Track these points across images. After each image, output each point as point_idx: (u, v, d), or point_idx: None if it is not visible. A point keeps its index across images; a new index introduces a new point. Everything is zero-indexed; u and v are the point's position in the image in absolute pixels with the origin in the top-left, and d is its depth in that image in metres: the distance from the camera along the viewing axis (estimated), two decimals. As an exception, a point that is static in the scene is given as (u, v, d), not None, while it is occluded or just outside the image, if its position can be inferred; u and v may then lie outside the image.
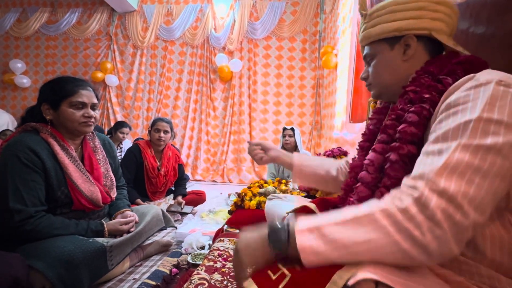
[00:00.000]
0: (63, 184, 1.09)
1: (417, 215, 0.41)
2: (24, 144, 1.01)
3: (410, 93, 0.59)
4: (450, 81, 0.54)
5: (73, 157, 1.15)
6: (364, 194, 0.62)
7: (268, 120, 4.76)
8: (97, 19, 5.09)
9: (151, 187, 2.27)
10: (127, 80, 5.04)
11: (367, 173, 0.63)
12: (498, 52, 0.93)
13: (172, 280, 1.18)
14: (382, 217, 0.43)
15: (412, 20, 0.62)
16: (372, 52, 0.69)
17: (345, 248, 0.44)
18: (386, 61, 0.67)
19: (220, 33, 4.77)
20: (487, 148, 0.42)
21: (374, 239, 0.42)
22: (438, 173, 0.42)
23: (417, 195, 0.42)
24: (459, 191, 0.41)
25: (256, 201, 1.50)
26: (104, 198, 1.21)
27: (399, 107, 0.61)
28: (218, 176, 4.63)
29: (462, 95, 0.47)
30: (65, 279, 0.93)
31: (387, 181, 0.57)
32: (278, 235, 0.50)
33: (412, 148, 0.55)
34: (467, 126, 0.44)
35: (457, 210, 0.40)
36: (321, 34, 4.58)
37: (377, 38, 0.67)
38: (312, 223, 0.48)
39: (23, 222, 0.96)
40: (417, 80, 0.60)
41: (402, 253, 0.42)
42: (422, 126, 0.55)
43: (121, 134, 3.24)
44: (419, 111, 0.55)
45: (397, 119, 0.60)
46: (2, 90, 5.38)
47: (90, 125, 1.16)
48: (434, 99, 0.54)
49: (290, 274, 0.46)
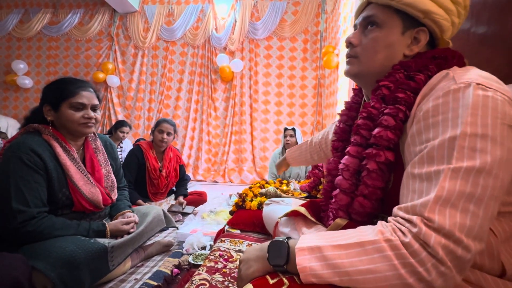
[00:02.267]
0: (64, 185, 1.09)
1: (420, 252, 0.40)
2: (27, 145, 1.02)
3: (384, 89, 0.56)
4: (422, 77, 0.52)
5: (75, 158, 1.15)
6: (343, 202, 0.59)
7: (269, 120, 4.76)
8: (98, 20, 5.11)
9: (153, 188, 2.28)
10: (128, 80, 5.05)
11: (344, 178, 0.60)
12: (499, 53, 0.92)
13: (173, 280, 1.18)
14: (388, 248, 0.41)
15: (443, 11, 0.55)
16: (381, 20, 0.58)
17: (347, 275, 0.42)
18: (390, 41, 0.57)
19: (221, 33, 4.77)
20: (477, 171, 0.40)
21: (379, 270, 0.41)
22: (431, 209, 0.40)
23: (416, 231, 0.41)
24: (455, 224, 0.39)
25: (257, 202, 1.50)
26: (105, 200, 1.22)
27: (371, 104, 0.58)
28: (219, 176, 4.63)
29: (441, 102, 0.45)
30: (66, 279, 0.93)
31: (365, 189, 0.55)
32: (277, 252, 0.49)
33: (390, 154, 0.53)
34: (453, 145, 0.41)
35: (458, 245, 0.39)
36: (323, 34, 4.58)
37: (398, 6, 0.56)
38: (313, 242, 0.47)
39: (25, 223, 0.97)
40: (392, 75, 0.56)
41: (405, 286, 0.40)
42: (398, 130, 0.52)
43: (121, 133, 3.24)
44: (395, 114, 0.52)
45: (369, 118, 0.57)
46: (4, 91, 5.41)
47: (90, 126, 1.17)
48: (408, 99, 0.52)
49: (288, 283, 0.46)
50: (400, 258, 0.40)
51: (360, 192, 0.56)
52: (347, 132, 0.73)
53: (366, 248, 0.43)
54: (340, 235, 0.47)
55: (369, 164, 0.54)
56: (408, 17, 0.56)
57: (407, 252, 0.40)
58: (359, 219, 0.57)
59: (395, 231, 0.43)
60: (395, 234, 0.42)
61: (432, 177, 0.42)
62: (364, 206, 0.55)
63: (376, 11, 0.58)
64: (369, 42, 0.59)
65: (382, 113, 0.54)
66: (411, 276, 0.40)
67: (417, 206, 0.42)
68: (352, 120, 0.73)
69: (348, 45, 0.63)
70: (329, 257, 0.44)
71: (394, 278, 0.40)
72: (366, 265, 0.42)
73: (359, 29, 0.63)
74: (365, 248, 0.43)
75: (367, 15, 0.60)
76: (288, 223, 0.82)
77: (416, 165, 0.45)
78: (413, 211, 0.42)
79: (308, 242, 0.47)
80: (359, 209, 0.56)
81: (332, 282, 0.43)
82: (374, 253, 0.42)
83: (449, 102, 0.44)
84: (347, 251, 0.43)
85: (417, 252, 0.40)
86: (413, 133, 0.48)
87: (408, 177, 0.46)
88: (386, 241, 0.42)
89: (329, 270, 0.43)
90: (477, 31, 1.02)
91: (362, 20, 0.61)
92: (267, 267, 0.50)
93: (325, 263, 0.44)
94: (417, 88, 0.51)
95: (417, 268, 0.39)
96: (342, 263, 0.43)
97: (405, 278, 0.40)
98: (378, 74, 0.59)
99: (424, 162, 0.44)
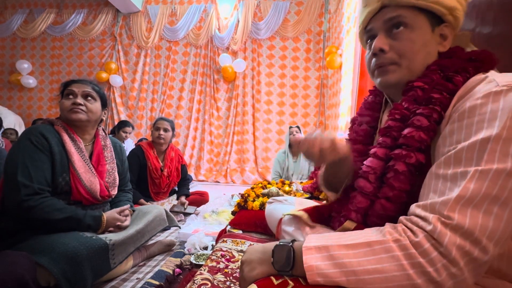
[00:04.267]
0: (65, 170, 1.14)
1: (431, 251, 0.38)
2: (37, 130, 1.13)
3: (418, 90, 0.53)
4: (460, 79, 0.50)
5: (80, 148, 1.21)
6: (362, 205, 0.56)
7: (272, 120, 4.75)
8: (102, 20, 5.14)
9: (154, 188, 2.28)
10: (131, 80, 5.08)
11: (368, 182, 0.56)
12: (504, 52, 0.91)
13: (175, 280, 1.18)
14: (396, 248, 0.40)
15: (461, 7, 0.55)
16: (410, 20, 0.54)
17: (354, 274, 0.41)
18: (425, 40, 0.54)
19: (224, 33, 4.78)
20: (508, 174, 0.38)
21: (386, 270, 0.40)
22: (452, 208, 0.39)
23: (429, 229, 0.39)
24: (476, 224, 0.37)
25: (259, 202, 1.50)
26: (102, 191, 1.24)
27: (404, 106, 0.54)
28: (221, 176, 4.63)
29: (479, 103, 0.42)
30: (69, 275, 0.94)
31: (389, 192, 0.52)
32: (283, 257, 0.48)
33: (421, 156, 0.50)
34: (484, 147, 0.39)
35: (475, 246, 0.37)
36: (326, 34, 4.57)
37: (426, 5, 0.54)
38: (320, 241, 0.46)
39: (28, 197, 1.02)
40: (428, 75, 0.53)
41: (413, 287, 0.39)
42: (432, 131, 0.49)
43: (124, 133, 3.30)
44: (429, 114, 0.49)
45: (402, 120, 0.54)
46: (8, 90, 5.46)
47: (76, 111, 1.19)
48: (444, 100, 0.49)
49: (293, 284, 0.45)
50: (409, 258, 0.39)
51: (383, 194, 0.53)
52: (371, 135, 0.69)
53: (374, 248, 0.42)
54: (347, 235, 0.46)
55: (398, 165, 0.51)
56: (432, 14, 0.55)
57: (417, 252, 0.39)
58: (377, 222, 0.54)
59: (405, 231, 0.42)
60: (405, 234, 0.41)
61: (458, 178, 0.40)
62: (387, 209, 0.53)
63: (401, 12, 0.55)
64: (406, 44, 0.55)
65: (414, 113, 0.52)
66: (420, 276, 0.39)
67: (436, 204, 0.41)
68: (375, 121, 0.69)
69: (376, 53, 0.57)
70: (337, 256, 0.43)
71: (403, 278, 0.39)
72: (374, 264, 0.41)
73: (381, 34, 0.57)
74: (373, 248, 0.42)
75: (390, 17, 0.56)
76: (291, 222, 0.82)
77: (442, 165, 0.43)
78: (432, 209, 0.41)
79: (315, 241, 0.46)
80: (380, 211, 0.54)
81: (339, 282, 0.42)
82: (382, 253, 0.41)
83: (488, 103, 0.41)
84: (355, 251, 0.43)
85: (427, 252, 0.39)
86: (445, 133, 0.46)
87: (432, 177, 0.45)
88: (394, 241, 0.41)
89: (336, 269, 0.42)
90: (482, 31, 1.01)
91: (383, 24, 0.57)
92: (271, 270, 0.49)
93: (333, 262, 0.43)
94: (454, 89, 0.49)
95: (426, 268, 0.38)
96: (350, 263, 0.42)
97: (413, 279, 0.39)
98: (416, 76, 0.55)
99: (450, 163, 0.42)
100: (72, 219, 1.08)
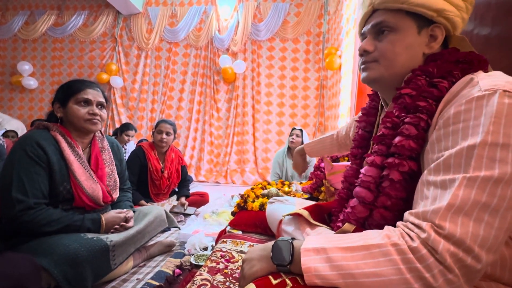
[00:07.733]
0: (66, 179, 1.11)
1: (428, 257, 0.39)
2: (33, 138, 1.07)
3: (406, 97, 0.54)
4: (446, 85, 0.50)
5: (79, 154, 1.18)
6: (363, 215, 0.57)
7: (272, 121, 4.76)
8: (102, 22, 5.16)
9: (155, 189, 2.28)
10: (131, 81, 5.09)
11: (369, 191, 0.56)
12: (503, 54, 0.92)
13: (175, 280, 1.19)
14: (394, 252, 0.41)
15: (454, 8, 0.54)
16: (393, 24, 0.56)
17: (352, 277, 0.42)
18: (408, 43, 0.56)
19: (224, 34, 4.79)
20: (495, 181, 0.38)
21: (384, 273, 0.40)
22: (442, 216, 0.39)
23: (424, 236, 0.40)
24: (467, 233, 0.38)
25: (259, 203, 1.50)
26: (105, 197, 1.23)
27: (395, 113, 0.56)
28: (221, 177, 4.63)
29: (463, 109, 0.43)
30: (69, 277, 0.94)
31: (387, 200, 0.53)
32: (282, 251, 0.49)
33: (413, 164, 0.51)
34: (471, 153, 0.40)
35: (467, 254, 0.38)
36: (325, 35, 4.58)
37: (410, 8, 0.54)
38: (319, 243, 0.46)
39: (23, 212, 0.99)
40: (412, 81, 0.54)
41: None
42: (421, 139, 0.50)
43: (127, 136, 3.30)
44: (417, 123, 0.50)
45: (393, 128, 0.56)
46: (9, 91, 5.47)
47: (95, 123, 1.19)
48: (430, 108, 0.50)
49: (291, 284, 0.45)
50: (407, 263, 0.40)
51: (381, 203, 0.54)
52: (366, 139, 0.71)
53: (372, 251, 0.42)
54: (346, 238, 0.46)
55: (393, 174, 0.52)
56: (421, 17, 0.56)
57: (414, 257, 0.39)
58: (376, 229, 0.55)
59: (403, 236, 0.42)
60: (403, 238, 0.41)
61: (447, 185, 0.41)
62: (386, 218, 0.53)
63: (386, 17, 0.57)
64: (387, 45, 0.57)
65: (403, 122, 0.53)
66: (417, 281, 0.39)
67: (428, 212, 0.41)
68: (371, 126, 0.71)
69: (362, 54, 0.61)
70: (335, 258, 0.43)
71: (400, 282, 0.39)
72: (372, 268, 0.41)
73: (369, 36, 0.60)
74: (371, 251, 0.42)
75: (377, 22, 0.58)
76: (292, 222, 0.82)
77: (432, 172, 0.44)
78: (424, 217, 0.41)
79: (313, 243, 0.47)
80: (380, 221, 0.54)
81: (337, 285, 0.43)
82: (380, 257, 0.41)
83: (472, 110, 0.42)
84: (353, 254, 0.43)
85: (424, 258, 0.39)
86: (433, 140, 0.47)
87: (423, 184, 0.45)
88: (392, 245, 0.41)
89: (334, 271, 0.43)
90: (481, 32, 1.01)
91: (371, 28, 0.60)
92: (271, 266, 0.50)
93: (330, 264, 0.43)
94: (439, 96, 0.50)
95: (423, 273, 0.39)
96: (348, 265, 0.42)
97: (410, 283, 0.39)
98: (399, 77, 0.57)
99: (440, 170, 0.43)
100: (70, 226, 1.08)
